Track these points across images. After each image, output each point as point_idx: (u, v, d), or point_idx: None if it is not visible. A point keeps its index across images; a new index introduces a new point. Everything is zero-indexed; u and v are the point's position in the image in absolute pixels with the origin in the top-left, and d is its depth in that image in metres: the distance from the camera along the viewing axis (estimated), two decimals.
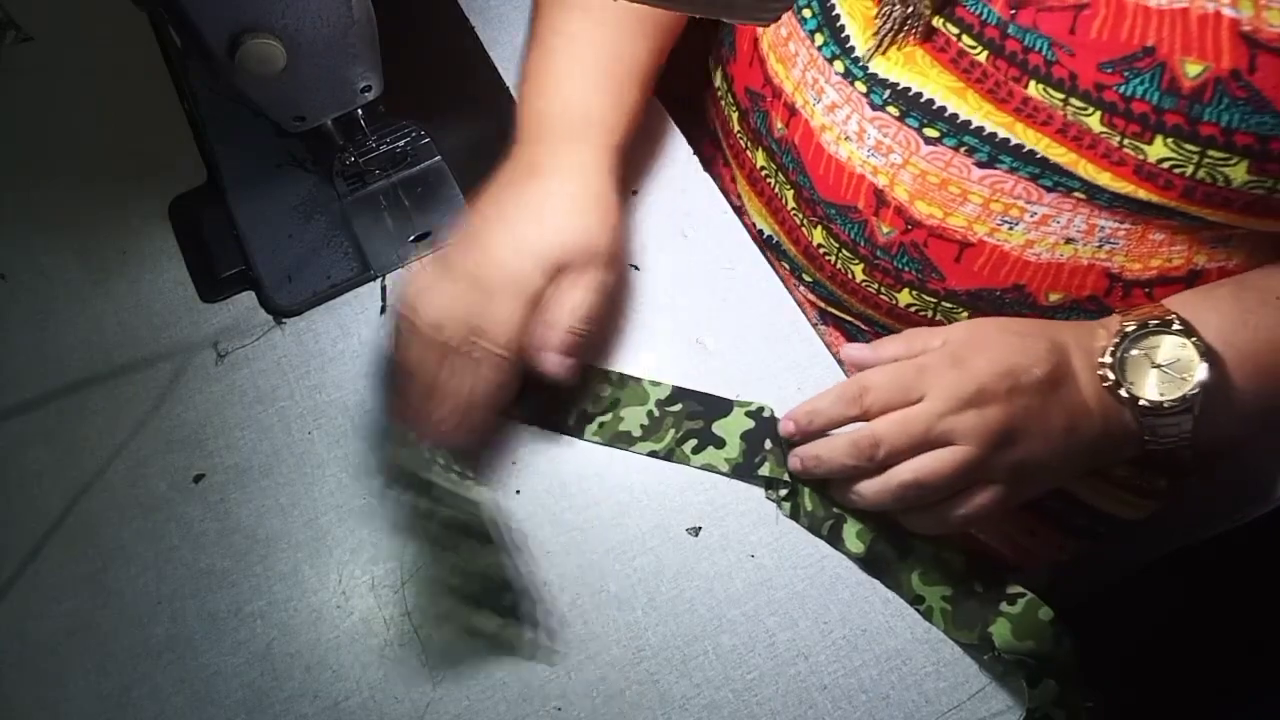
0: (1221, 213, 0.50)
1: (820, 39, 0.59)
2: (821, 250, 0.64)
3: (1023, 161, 0.54)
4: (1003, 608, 0.52)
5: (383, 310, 0.63)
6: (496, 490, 0.57)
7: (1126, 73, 0.48)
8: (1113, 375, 0.51)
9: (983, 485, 0.51)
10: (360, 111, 0.61)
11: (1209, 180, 0.49)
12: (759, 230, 0.70)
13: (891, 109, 0.56)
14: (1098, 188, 0.52)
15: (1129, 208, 0.53)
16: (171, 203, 0.67)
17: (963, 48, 0.53)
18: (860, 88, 0.57)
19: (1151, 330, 0.50)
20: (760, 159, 0.67)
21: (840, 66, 0.58)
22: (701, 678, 0.52)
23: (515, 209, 0.57)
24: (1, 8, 0.76)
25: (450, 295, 0.55)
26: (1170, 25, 0.46)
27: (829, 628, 0.53)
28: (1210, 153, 0.48)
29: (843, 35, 0.58)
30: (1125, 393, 0.50)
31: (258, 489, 0.58)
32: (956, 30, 0.53)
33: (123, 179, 0.68)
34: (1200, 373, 0.49)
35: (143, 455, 0.59)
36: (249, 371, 0.62)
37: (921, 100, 0.55)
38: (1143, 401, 0.50)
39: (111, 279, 0.65)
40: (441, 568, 0.54)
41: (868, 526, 0.54)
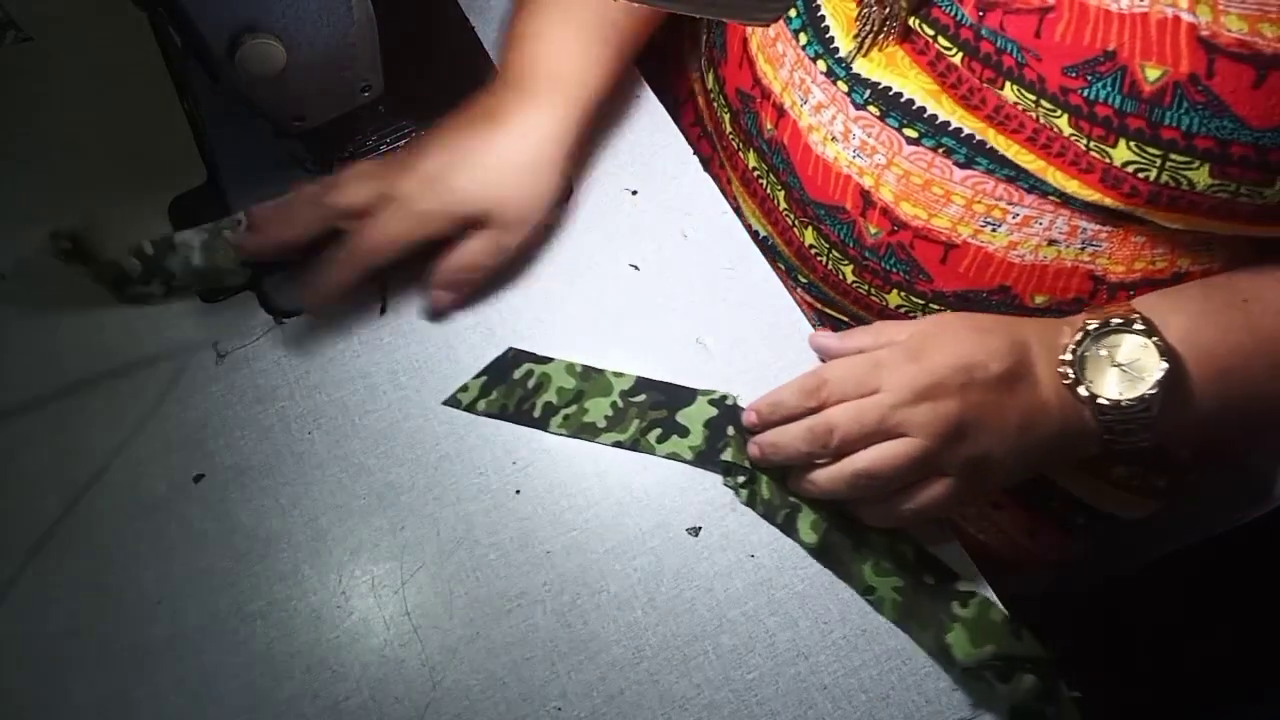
0: (1188, 217, 0.51)
1: (804, 38, 0.59)
2: (813, 251, 0.64)
3: (998, 165, 0.54)
4: (955, 609, 0.53)
5: (383, 310, 0.63)
6: None
7: (1089, 76, 0.48)
8: (1072, 373, 0.51)
9: (935, 478, 0.51)
10: (360, 111, 0.61)
11: (1173, 184, 0.49)
12: (754, 231, 0.70)
13: (872, 108, 0.57)
14: (1068, 195, 0.52)
15: (1103, 214, 0.53)
16: (171, 203, 0.67)
17: (940, 49, 0.53)
18: (842, 87, 0.58)
19: (1113, 329, 0.50)
20: (752, 160, 0.67)
21: (824, 66, 0.58)
22: (701, 678, 0.52)
23: (456, 148, 0.59)
24: (1, 8, 0.76)
25: (359, 185, 0.58)
26: (1131, 30, 0.46)
27: (829, 628, 0.53)
28: (1172, 156, 0.48)
29: (827, 35, 0.58)
30: (1084, 391, 0.50)
31: (258, 489, 0.58)
32: (932, 32, 0.53)
33: (123, 179, 0.68)
34: (1158, 373, 0.49)
35: (143, 455, 0.59)
36: (249, 371, 0.62)
37: (901, 100, 0.55)
38: (1101, 400, 0.50)
39: None
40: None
41: (822, 517, 0.55)
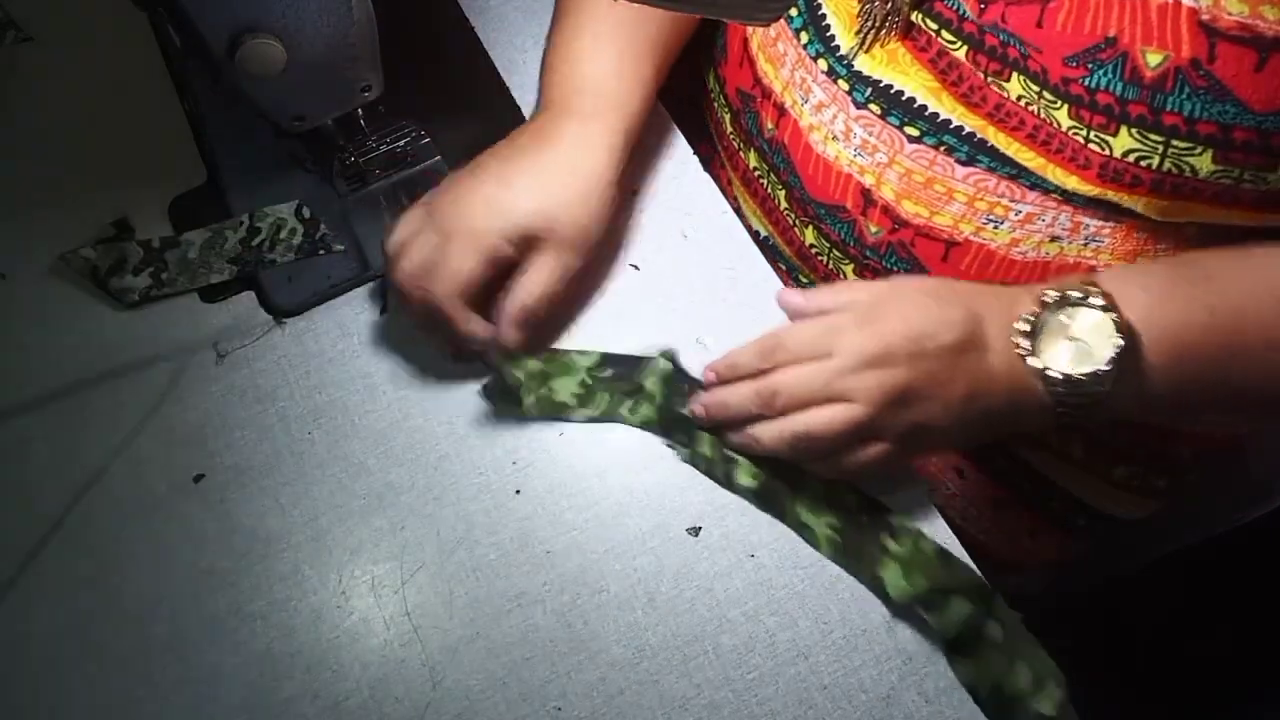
0: (1190, 205, 0.50)
1: (806, 37, 0.59)
2: (814, 250, 0.64)
3: (1000, 162, 0.54)
4: (888, 545, 0.53)
5: (383, 310, 0.63)
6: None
7: (1090, 64, 0.48)
8: (1027, 344, 0.50)
9: (873, 441, 0.52)
10: (360, 111, 0.61)
11: (1176, 171, 0.48)
12: (755, 231, 0.70)
13: (873, 106, 0.57)
14: (1068, 191, 0.52)
15: (1105, 209, 0.53)
16: (171, 203, 0.67)
17: (943, 44, 0.53)
18: (843, 86, 0.57)
19: (1071, 301, 0.50)
20: (753, 159, 0.67)
21: (825, 65, 0.58)
22: (701, 678, 0.52)
23: (506, 168, 0.58)
24: (1, 8, 0.76)
25: (413, 237, 0.56)
26: (1131, 15, 0.46)
27: (829, 628, 0.53)
28: (1174, 142, 0.48)
29: (828, 34, 0.58)
30: (1036, 363, 0.50)
31: (258, 489, 0.58)
32: (936, 26, 0.53)
33: (123, 179, 0.68)
34: (1112, 350, 0.48)
35: (143, 455, 0.59)
36: (249, 371, 0.62)
37: (903, 98, 0.55)
38: (1051, 373, 0.49)
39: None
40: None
41: (761, 467, 0.56)
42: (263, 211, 0.65)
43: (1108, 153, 0.49)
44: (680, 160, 0.68)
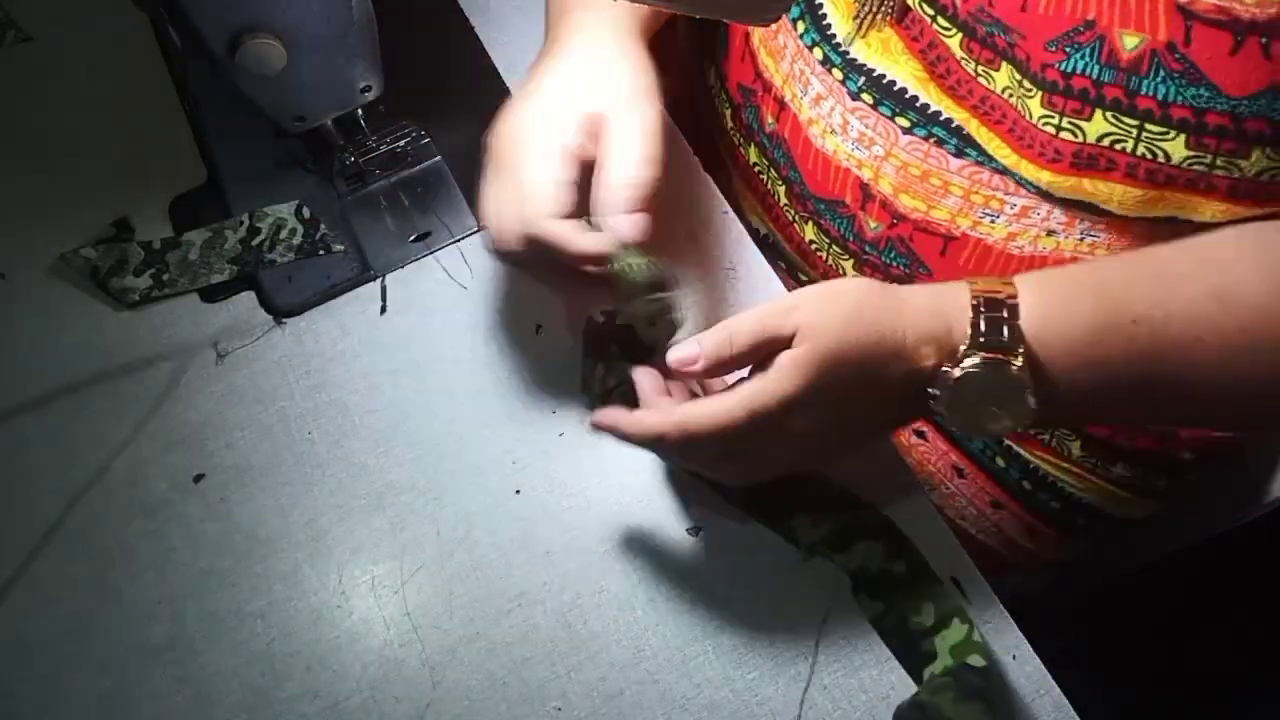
0: (1166, 192, 0.50)
1: (802, 26, 0.59)
2: (814, 246, 0.64)
3: (986, 157, 0.54)
4: (796, 490, 0.54)
5: (383, 310, 0.63)
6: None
7: (1069, 48, 0.48)
8: (940, 410, 0.47)
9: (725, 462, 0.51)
10: (360, 111, 0.61)
11: (1149, 156, 0.48)
12: (755, 229, 0.70)
13: (866, 96, 0.57)
14: (1043, 190, 0.52)
15: (1080, 209, 0.52)
16: (171, 203, 0.67)
17: (937, 32, 0.53)
18: (838, 75, 0.58)
19: (991, 374, 0.45)
20: (753, 155, 0.67)
21: (820, 54, 0.58)
22: (701, 678, 0.52)
23: (533, 88, 0.57)
24: (1, 8, 0.76)
25: (497, 197, 0.54)
26: None
27: (829, 628, 0.53)
28: (1148, 126, 0.48)
29: (824, 22, 0.58)
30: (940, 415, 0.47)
31: (258, 489, 0.58)
32: (932, 11, 0.53)
33: (123, 179, 0.68)
34: (1012, 422, 0.46)
35: (143, 455, 0.59)
36: (249, 371, 0.62)
37: (895, 88, 0.55)
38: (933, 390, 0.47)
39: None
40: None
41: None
42: (263, 211, 0.65)
43: (1080, 139, 0.49)
44: (680, 160, 0.68)
